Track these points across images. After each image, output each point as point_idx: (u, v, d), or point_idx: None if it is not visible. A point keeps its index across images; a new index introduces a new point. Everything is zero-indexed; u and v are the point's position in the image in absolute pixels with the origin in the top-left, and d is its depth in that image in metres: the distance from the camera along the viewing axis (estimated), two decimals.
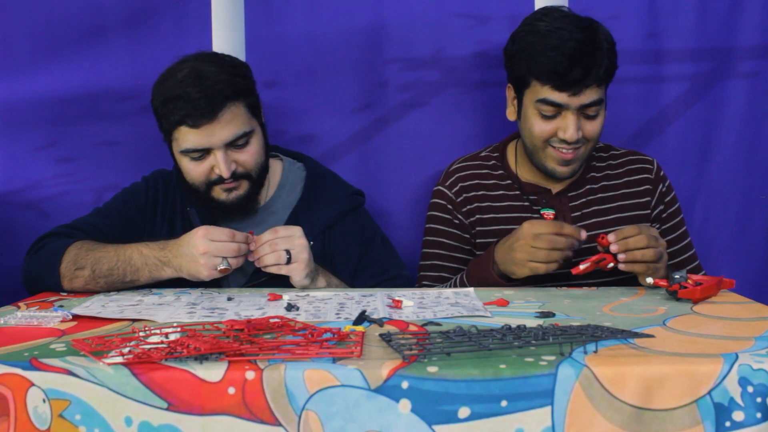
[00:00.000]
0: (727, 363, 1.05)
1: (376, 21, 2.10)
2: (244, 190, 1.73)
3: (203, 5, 2.08)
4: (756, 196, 2.12)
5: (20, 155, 2.10)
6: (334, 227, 1.79)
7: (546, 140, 1.75)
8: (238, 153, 1.70)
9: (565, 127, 1.71)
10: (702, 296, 1.45)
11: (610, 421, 1.03)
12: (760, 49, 2.09)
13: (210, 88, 1.64)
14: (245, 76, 1.74)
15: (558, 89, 1.69)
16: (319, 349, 1.09)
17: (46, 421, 1.06)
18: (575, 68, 1.66)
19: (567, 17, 1.73)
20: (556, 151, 1.75)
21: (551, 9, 1.77)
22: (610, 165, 1.88)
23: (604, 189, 1.85)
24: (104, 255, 1.60)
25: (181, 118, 1.64)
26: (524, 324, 1.20)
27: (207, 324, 1.26)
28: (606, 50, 1.71)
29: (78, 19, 2.09)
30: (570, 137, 1.71)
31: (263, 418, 1.04)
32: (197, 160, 1.69)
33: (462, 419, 1.03)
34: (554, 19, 1.72)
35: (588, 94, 1.69)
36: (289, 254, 1.58)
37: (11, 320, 1.31)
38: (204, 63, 1.68)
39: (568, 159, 1.75)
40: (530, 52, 1.71)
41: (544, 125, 1.74)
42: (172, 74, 1.68)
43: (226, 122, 1.66)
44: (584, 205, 1.83)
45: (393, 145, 2.12)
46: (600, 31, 1.72)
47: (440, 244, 1.89)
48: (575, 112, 1.71)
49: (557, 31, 1.69)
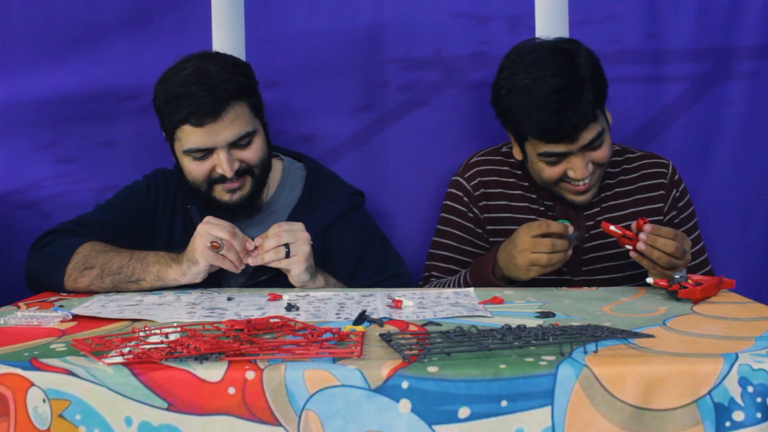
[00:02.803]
0: (727, 363, 1.05)
1: (376, 21, 2.10)
2: (247, 189, 1.73)
3: (203, 5, 2.08)
4: (756, 196, 2.12)
5: (20, 155, 2.10)
6: (334, 227, 1.79)
7: (560, 183, 1.76)
8: (240, 152, 1.70)
9: (573, 168, 1.72)
10: (702, 296, 1.45)
11: (610, 421, 1.03)
12: (760, 49, 2.09)
13: (214, 87, 1.64)
14: (248, 75, 1.74)
15: (554, 143, 1.68)
16: (319, 349, 1.09)
17: (46, 421, 1.06)
18: (564, 123, 1.65)
19: (541, 58, 1.68)
20: (570, 185, 1.75)
21: (524, 51, 1.72)
22: (625, 170, 1.87)
23: (616, 196, 1.85)
24: (116, 255, 1.60)
25: (184, 116, 1.64)
26: (524, 324, 1.20)
27: (207, 324, 1.26)
28: (590, 79, 1.67)
29: (78, 19, 2.09)
30: (580, 176, 1.72)
31: (263, 418, 1.04)
32: (200, 159, 1.69)
33: (462, 419, 1.03)
34: (529, 66, 1.68)
35: (586, 135, 1.68)
36: (287, 248, 1.58)
37: (11, 320, 1.31)
38: (207, 62, 1.69)
39: (583, 190, 1.76)
40: (516, 113, 1.70)
41: (551, 170, 1.74)
42: (175, 73, 1.68)
43: (229, 121, 1.66)
44: (597, 214, 1.83)
45: (393, 145, 2.12)
46: (578, 57, 1.68)
47: (452, 236, 1.88)
48: (579, 153, 1.70)
49: (535, 84, 1.65)
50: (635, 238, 1.55)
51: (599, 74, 1.72)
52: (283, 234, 1.59)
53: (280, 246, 1.58)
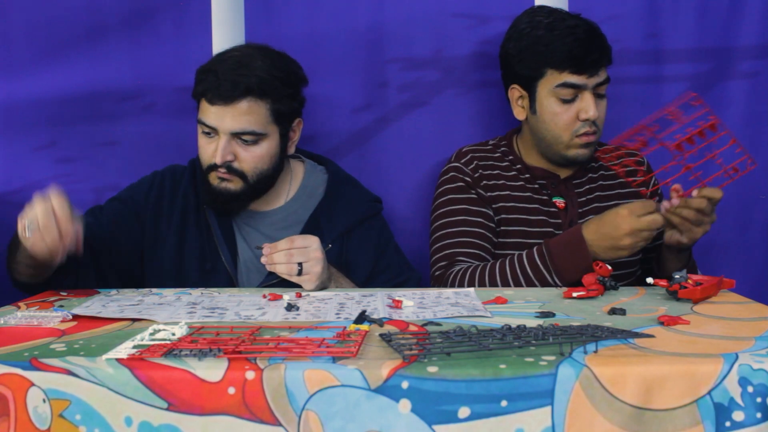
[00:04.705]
0: (727, 363, 1.05)
1: (376, 21, 2.10)
2: (235, 187, 1.72)
3: (203, 5, 2.08)
4: (756, 196, 2.12)
5: (20, 155, 2.10)
6: (352, 233, 1.80)
7: (572, 130, 1.81)
8: (241, 148, 1.70)
9: (586, 107, 1.79)
10: (702, 296, 1.45)
11: (610, 421, 1.03)
12: (760, 49, 2.09)
13: (240, 75, 1.66)
14: (290, 84, 1.74)
15: (577, 72, 1.77)
16: (317, 348, 1.09)
17: (46, 421, 1.06)
18: (592, 50, 1.76)
19: (558, 11, 1.84)
20: (579, 137, 1.81)
21: (540, 7, 1.87)
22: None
23: (604, 177, 1.92)
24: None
25: (203, 90, 1.69)
26: (524, 324, 1.20)
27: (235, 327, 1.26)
28: (604, 36, 1.81)
29: (78, 19, 2.08)
30: (593, 115, 1.78)
31: (263, 418, 1.04)
32: (206, 135, 1.72)
33: (462, 419, 1.03)
34: (551, 13, 1.83)
35: (601, 74, 1.80)
36: (300, 266, 1.58)
37: (11, 320, 1.31)
38: (257, 54, 1.71)
39: (590, 141, 1.82)
40: (543, 43, 1.78)
41: (564, 111, 1.80)
42: (228, 50, 1.75)
43: (239, 113, 1.67)
44: (588, 192, 1.90)
45: (393, 145, 2.12)
46: (593, 23, 1.82)
47: (465, 222, 1.84)
48: (591, 91, 1.79)
49: (561, 21, 1.79)
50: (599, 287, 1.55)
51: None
52: (295, 253, 1.58)
53: (293, 264, 1.58)
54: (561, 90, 1.79)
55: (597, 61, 1.78)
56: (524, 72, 1.83)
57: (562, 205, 1.87)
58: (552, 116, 1.81)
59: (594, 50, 1.77)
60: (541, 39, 1.79)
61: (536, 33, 1.80)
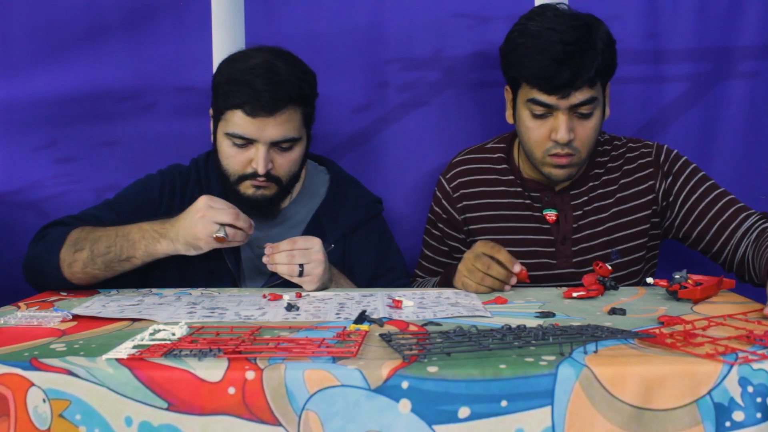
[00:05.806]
0: (727, 363, 1.05)
1: (376, 21, 2.10)
2: (271, 192, 1.72)
3: (203, 5, 2.08)
4: (756, 196, 2.12)
5: (20, 155, 2.10)
6: (354, 233, 1.80)
7: (543, 149, 1.73)
8: (278, 155, 1.69)
9: (556, 127, 1.69)
10: (702, 296, 1.45)
11: (610, 421, 1.03)
12: (760, 49, 2.09)
13: (278, 84, 1.65)
14: (311, 84, 1.74)
15: (546, 92, 1.67)
16: (317, 348, 1.09)
17: (46, 421, 1.06)
18: (561, 72, 1.64)
19: (561, 17, 1.70)
20: (552, 157, 1.72)
21: (547, 7, 1.74)
22: (612, 157, 1.85)
23: (604, 184, 1.83)
24: (103, 234, 1.59)
25: (240, 102, 1.65)
26: (524, 324, 1.20)
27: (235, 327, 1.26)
28: (601, 50, 1.67)
29: (78, 19, 2.09)
30: (561, 138, 1.68)
31: (263, 418, 1.04)
32: (238, 147, 1.69)
33: (462, 419, 1.03)
34: (547, 19, 1.69)
35: (578, 96, 1.67)
36: (301, 267, 1.58)
37: (11, 320, 1.31)
38: (278, 58, 1.70)
39: (563, 164, 1.73)
40: (519, 54, 1.70)
41: (536, 127, 1.72)
42: (245, 58, 1.70)
43: (281, 122, 1.66)
44: (585, 203, 1.82)
45: (393, 145, 2.12)
46: (597, 30, 1.69)
47: (432, 236, 1.94)
48: (566, 112, 1.69)
49: (547, 32, 1.66)
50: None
51: (611, 52, 1.72)
52: (297, 254, 1.58)
53: (295, 265, 1.58)
54: (532, 105, 1.70)
55: (568, 84, 1.64)
56: (508, 76, 1.78)
57: (553, 218, 1.80)
58: (525, 129, 1.74)
59: (564, 72, 1.63)
60: (518, 48, 1.70)
61: (518, 40, 1.70)
